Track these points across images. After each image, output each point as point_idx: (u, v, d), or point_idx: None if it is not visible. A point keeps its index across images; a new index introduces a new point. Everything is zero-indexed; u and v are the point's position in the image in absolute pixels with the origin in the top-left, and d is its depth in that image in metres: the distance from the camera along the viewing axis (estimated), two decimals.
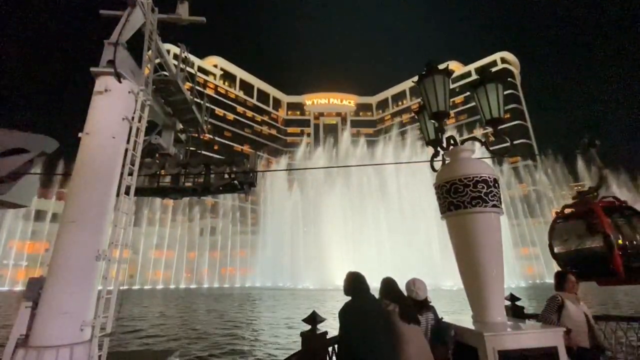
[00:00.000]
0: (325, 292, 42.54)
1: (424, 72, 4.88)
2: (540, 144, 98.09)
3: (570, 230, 5.74)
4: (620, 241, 5.02)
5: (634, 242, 5.07)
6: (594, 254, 5.25)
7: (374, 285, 3.73)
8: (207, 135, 10.92)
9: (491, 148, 4.97)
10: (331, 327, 4.54)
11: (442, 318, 4.13)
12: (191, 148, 10.12)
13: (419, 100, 5.27)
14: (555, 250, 6.01)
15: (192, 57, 10.70)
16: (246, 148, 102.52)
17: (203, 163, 8.95)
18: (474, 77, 4.83)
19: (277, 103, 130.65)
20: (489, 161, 5.37)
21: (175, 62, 8.91)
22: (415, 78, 5.01)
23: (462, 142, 4.84)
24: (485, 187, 4.19)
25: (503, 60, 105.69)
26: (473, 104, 5.05)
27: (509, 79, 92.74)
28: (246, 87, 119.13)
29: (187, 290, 55.32)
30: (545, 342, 3.51)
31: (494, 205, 4.17)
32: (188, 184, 8.90)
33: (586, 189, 5.93)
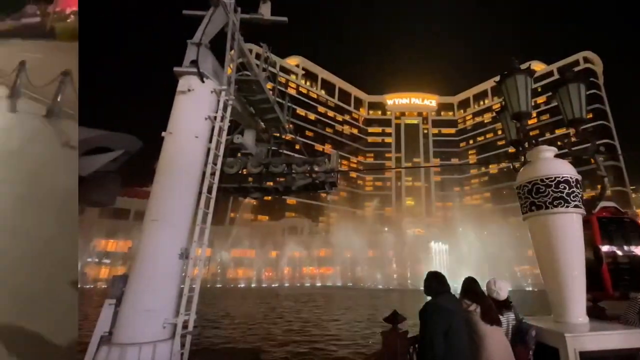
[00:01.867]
0: (404, 292, 42.17)
1: (505, 72, 4.91)
2: (624, 144, 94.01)
3: None
4: (610, 255, 4.80)
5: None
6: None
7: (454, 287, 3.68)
8: (289, 134, 10.92)
9: (573, 148, 5.00)
10: (411, 326, 4.32)
11: (522, 318, 4.06)
12: (273, 147, 10.18)
13: (501, 99, 5.42)
14: None
15: (274, 57, 10.74)
16: (327, 147, 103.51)
17: (285, 162, 8.90)
18: (556, 76, 4.24)
19: (358, 102, 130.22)
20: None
21: (258, 62, 8.95)
22: (497, 78, 5.07)
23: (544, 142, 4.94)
24: (567, 188, 4.23)
25: (586, 60, 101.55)
26: (555, 103, 5.17)
27: (591, 79, 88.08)
28: (327, 87, 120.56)
29: (268, 289, 56.08)
30: (627, 344, 3.55)
31: (575, 206, 4.20)
32: (270, 183, 8.92)
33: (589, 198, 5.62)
